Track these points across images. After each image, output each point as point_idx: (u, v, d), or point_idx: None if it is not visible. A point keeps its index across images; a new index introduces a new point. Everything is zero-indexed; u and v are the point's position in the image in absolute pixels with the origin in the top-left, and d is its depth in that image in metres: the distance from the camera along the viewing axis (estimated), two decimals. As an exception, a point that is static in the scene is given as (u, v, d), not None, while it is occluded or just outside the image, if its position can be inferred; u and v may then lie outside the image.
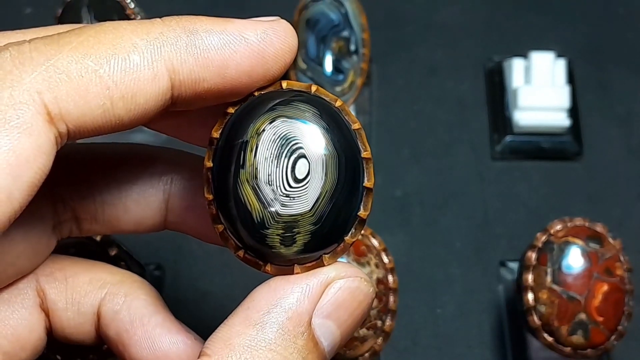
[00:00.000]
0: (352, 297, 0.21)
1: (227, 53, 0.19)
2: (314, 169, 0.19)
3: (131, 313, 0.24)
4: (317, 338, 0.20)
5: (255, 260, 0.21)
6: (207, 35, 0.19)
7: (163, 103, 0.19)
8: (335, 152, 0.19)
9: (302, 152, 0.19)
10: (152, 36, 0.19)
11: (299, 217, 0.19)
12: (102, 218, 0.24)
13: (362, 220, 0.21)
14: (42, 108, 0.17)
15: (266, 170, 0.19)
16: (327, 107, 0.20)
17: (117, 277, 0.25)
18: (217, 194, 0.20)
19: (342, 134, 0.20)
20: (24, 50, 0.18)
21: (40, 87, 0.17)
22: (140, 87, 0.18)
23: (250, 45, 0.20)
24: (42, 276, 0.24)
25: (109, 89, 0.18)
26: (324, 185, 0.19)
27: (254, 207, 0.19)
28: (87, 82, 0.18)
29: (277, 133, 0.19)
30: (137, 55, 0.18)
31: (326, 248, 0.20)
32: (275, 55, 0.20)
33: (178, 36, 0.19)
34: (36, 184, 0.17)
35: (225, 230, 0.21)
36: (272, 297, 0.20)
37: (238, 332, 0.19)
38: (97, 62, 0.18)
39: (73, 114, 0.18)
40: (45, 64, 0.17)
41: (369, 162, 0.21)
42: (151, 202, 0.25)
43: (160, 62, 0.19)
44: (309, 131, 0.19)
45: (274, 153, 0.19)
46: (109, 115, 0.18)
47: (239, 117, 0.20)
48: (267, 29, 0.20)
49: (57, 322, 0.24)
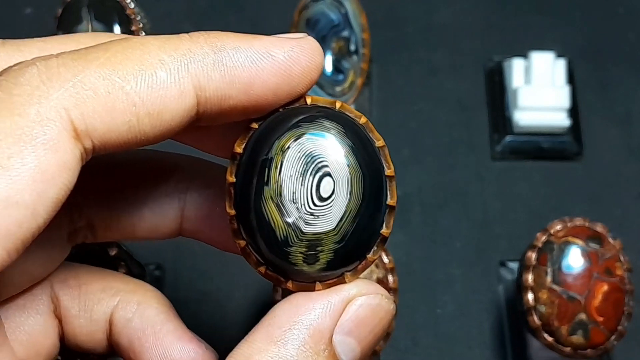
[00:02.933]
0: (373, 314, 0.21)
1: (254, 71, 0.19)
2: (339, 188, 0.19)
3: (143, 321, 0.24)
4: (337, 355, 0.20)
5: (276, 276, 0.21)
6: (234, 53, 0.19)
7: (189, 119, 0.19)
8: (360, 170, 0.19)
9: (327, 170, 0.19)
10: (179, 53, 0.19)
11: (323, 236, 0.19)
12: (117, 225, 0.25)
13: (385, 239, 0.21)
14: (69, 125, 0.17)
15: (291, 188, 0.19)
16: (352, 123, 0.20)
17: (130, 286, 0.25)
18: (239, 209, 0.20)
19: (367, 151, 0.20)
20: (52, 65, 0.18)
21: (67, 104, 0.17)
22: (166, 104, 0.18)
23: (277, 62, 0.19)
24: (57, 283, 0.24)
25: (136, 105, 0.18)
26: (348, 204, 0.19)
27: (277, 225, 0.19)
28: (114, 99, 0.18)
29: (302, 150, 0.19)
30: (164, 72, 0.18)
31: (348, 266, 0.20)
32: (301, 73, 0.20)
33: (205, 53, 0.19)
34: (60, 200, 0.17)
35: (247, 245, 0.20)
36: (294, 314, 0.20)
37: (259, 349, 0.19)
38: (124, 79, 0.18)
39: (99, 130, 0.18)
40: (73, 80, 0.17)
41: (392, 180, 0.21)
42: (167, 210, 0.25)
43: (187, 79, 0.18)
44: (334, 149, 0.19)
45: (299, 171, 0.19)
46: (135, 132, 0.18)
47: (263, 133, 0.20)
48: (294, 46, 0.20)
49: (70, 328, 0.24)
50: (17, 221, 0.17)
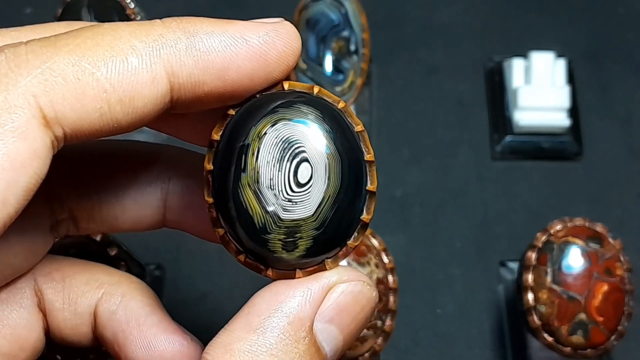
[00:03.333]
0: (355, 301, 0.20)
1: (228, 56, 0.19)
2: (317, 173, 0.19)
3: (127, 313, 0.24)
4: (319, 343, 0.20)
5: (256, 264, 0.20)
6: (207, 38, 0.19)
7: (162, 106, 0.19)
8: (338, 155, 0.19)
9: (305, 155, 0.19)
10: (151, 38, 0.18)
11: (301, 222, 0.19)
12: (99, 217, 0.24)
13: (365, 224, 0.20)
14: (38, 112, 0.17)
15: (268, 175, 0.19)
16: (330, 108, 0.20)
17: (114, 278, 0.25)
18: (217, 197, 0.20)
19: (345, 136, 0.20)
20: (20, 52, 0.17)
21: (35, 91, 0.17)
22: (138, 91, 0.18)
23: (252, 47, 0.19)
24: (40, 276, 0.24)
25: (106, 92, 0.18)
26: (326, 190, 0.19)
27: (255, 212, 0.19)
28: (83, 85, 0.17)
29: (279, 136, 0.19)
30: (136, 58, 0.18)
31: (328, 252, 0.20)
32: (277, 58, 0.19)
33: (178, 38, 0.19)
34: (32, 189, 0.17)
35: (225, 234, 0.20)
36: (274, 302, 0.19)
37: (239, 337, 0.19)
38: (95, 65, 0.17)
39: (69, 117, 0.17)
40: (42, 67, 0.17)
41: (372, 165, 0.20)
42: (149, 200, 0.24)
43: (159, 65, 0.18)
44: (311, 134, 0.19)
45: (275, 157, 0.19)
46: (107, 119, 0.18)
47: (240, 119, 0.20)
48: (269, 31, 0.19)
49: (54, 322, 0.24)
50: None
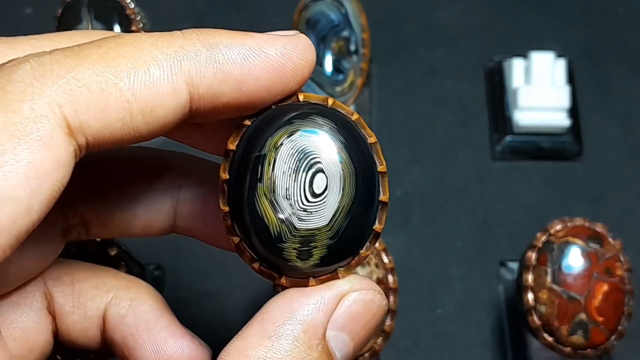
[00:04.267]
0: (366, 310, 0.21)
1: (247, 67, 0.19)
2: (332, 184, 0.19)
3: (137, 317, 0.24)
4: (331, 350, 0.20)
5: (270, 272, 0.21)
6: (226, 50, 0.19)
7: (182, 116, 0.19)
8: (352, 166, 0.20)
9: (320, 166, 0.19)
10: (172, 50, 0.19)
11: (316, 232, 0.19)
12: (111, 223, 0.25)
13: (377, 234, 0.21)
14: (62, 121, 0.17)
15: (284, 185, 0.19)
16: (344, 120, 0.20)
17: (123, 282, 0.25)
18: (232, 206, 0.20)
19: (359, 147, 0.20)
20: (45, 62, 0.18)
21: (60, 100, 0.17)
22: (159, 101, 0.18)
23: (269, 59, 0.19)
24: (50, 280, 0.24)
25: (129, 102, 0.18)
26: (341, 200, 0.19)
27: (271, 221, 0.19)
28: (107, 96, 0.18)
29: (295, 147, 0.19)
30: (157, 69, 0.18)
31: (341, 261, 0.20)
32: (294, 70, 0.20)
33: (198, 50, 0.19)
34: (55, 197, 0.17)
35: (240, 242, 0.21)
36: (287, 309, 0.20)
37: (253, 344, 0.19)
38: (118, 75, 0.18)
39: (93, 127, 0.18)
40: (66, 77, 0.17)
41: (385, 176, 0.21)
42: (160, 207, 0.25)
43: (180, 76, 0.19)
44: (326, 145, 0.19)
45: (292, 167, 0.19)
46: (128, 128, 0.18)
47: (256, 130, 0.20)
48: (286, 43, 0.20)
49: (64, 325, 0.24)
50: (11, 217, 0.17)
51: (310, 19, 0.42)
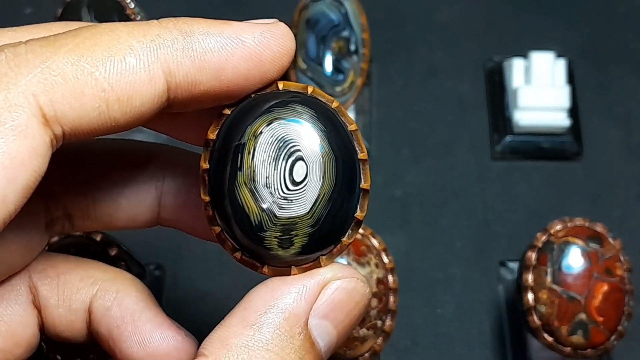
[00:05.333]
0: (349, 298, 0.21)
1: (224, 56, 0.19)
2: (312, 172, 0.19)
3: (122, 309, 0.24)
4: (313, 338, 0.20)
5: (252, 261, 0.21)
6: (203, 38, 0.19)
7: (159, 105, 0.19)
8: (332, 154, 0.19)
9: (300, 154, 0.19)
10: (148, 38, 0.19)
11: (297, 220, 0.19)
12: (94, 215, 0.25)
13: (359, 222, 0.21)
14: (38, 110, 0.17)
15: (264, 173, 0.19)
16: (324, 108, 0.20)
17: (108, 275, 0.25)
18: (213, 195, 0.20)
19: (339, 135, 0.20)
20: (20, 52, 0.18)
21: (35, 90, 0.17)
22: (136, 90, 0.18)
23: (247, 48, 0.19)
24: (35, 273, 0.24)
25: (105, 91, 0.18)
26: (321, 188, 0.19)
27: (251, 210, 0.19)
28: (82, 85, 0.18)
29: (274, 135, 0.19)
30: (133, 58, 0.18)
31: (323, 249, 0.20)
32: (272, 58, 0.20)
33: (175, 38, 0.19)
34: (31, 187, 0.17)
35: (222, 231, 0.21)
36: (269, 298, 0.20)
37: (235, 333, 0.19)
38: (93, 64, 0.18)
39: (68, 116, 0.18)
40: (41, 66, 0.17)
41: (365, 163, 0.21)
42: (144, 199, 0.25)
43: (156, 65, 0.18)
44: (306, 133, 0.19)
45: (271, 155, 0.19)
46: (105, 118, 0.18)
47: (236, 119, 0.20)
48: (264, 31, 0.20)
49: (49, 318, 0.24)
50: None
51: (310, 19, 0.42)
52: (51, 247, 0.34)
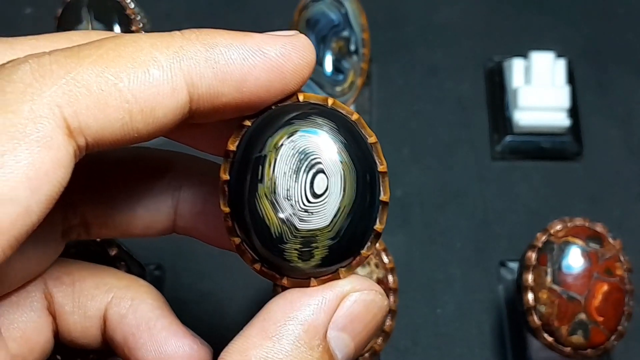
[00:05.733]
0: (367, 310, 0.21)
1: (246, 68, 0.19)
2: (333, 184, 0.19)
3: (137, 317, 0.24)
4: (332, 350, 0.20)
5: (272, 273, 0.21)
6: (226, 50, 0.19)
7: (181, 117, 0.19)
8: (353, 167, 0.20)
9: (321, 167, 0.19)
10: (171, 50, 0.19)
11: (317, 232, 0.19)
12: (111, 223, 0.25)
13: (378, 234, 0.21)
14: (62, 122, 0.17)
15: (285, 185, 0.19)
16: (344, 120, 0.20)
17: (123, 282, 0.25)
18: (233, 207, 0.20)
19: (360, 148, 0.20)
20: (44, 62, 0.18)
21: (60, 101, 0.17)
22: (159, 101, 0.18)
23: (269, 60, 0.20)
24: (50, 280, 0.24)
25: (129, 102, 0.18)
26: (342, 201, 0.19)
27: (272, 222, 0.19)
28: (106, 96, 0.18)
29: (295, 147, 0.19)
30: (157, 69, 0.18)
31: (343, 262, 0.20)
32: (293, 70, 0.20)
33: (197, 50, 0.19)
34: (54, 197, 0.17)
35: (242, 243, 0.21)
36: (289, 310, 0.20)
37: (255, 344, 0.19)
38: (117, 76, 0.18)
39: (92, 127, 0.18)
40: (66, 77, 0.17)
41: (385, 176, 0.21)
42: (161, 207, 0.25)
43: (179, 76, 0.19)
44: (327, 146, 0.19)
45: (292, 168, 0.19)
46: (128, 129, 0.18)
47: (256, 131, 0.20)
48: (286, 43, 0.20)
49: (64, 325, 0.24)
50: (11, 218, 0.17)
51: (310, 19, 0.42)
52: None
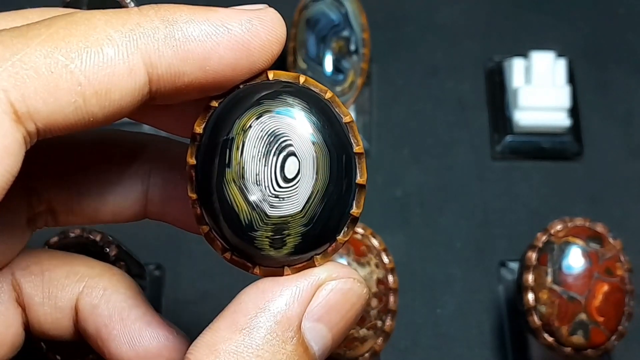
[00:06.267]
0: (345, 299, 0.20)
1: (209, 45, 0.18)
2: (305, 168, 0.18)
3: (110, 307, 0.23)
4: (307, 342, 0.19)
5: (243, 262, 0.20)
6: (187, 26, 0.18)
7: (140, 98, 0.18)
8: (326, 148, 0.18)
9: (292, 149, 0.18)
10: (127, 27, 0.17)
11: (289, 219, 0.18)
12: (78, 209, 0.23)
13: (355, 219, 0.20)
14: (9, 107, 0.16)
15: (254, 170, 0.18)
16: (317, 99, 0.19)
17: (95, 270, 0.24)
18: (201, 193, 0.19)
19: (333, 128, 0.19)
20: None
21: (5, 85, 0.16)
22: (114, 83, 0.17)
23: (233, 36, 0.18)
24: (18, 270, 0.23)
25: (81, 85, 0.17)
26: (315, 184, 0.18)
27: (241, 209, 0.18)
28: (56, 78, 0.17)
29: (264, 129, 0.18)
30: (112, 49, 0.17)
31: (318, 248, 0.19)
32: (261, 46, 0.19)
33: (156, 27, 0.18)
34: (4, 187, 0.17)
35: (210, 231, 0.20)
36: (260, 300, 0.19)
37: (224, 338, 0.18)
38: (68, 56, 0.17)
39: (42, 112, 0.17)
40: (12, 59, 0.16)
41: (362, 157, 0.19)
42: (130, 192, 0.24)
43: (136, 56, 0.17)
44: (298, 127, 0.18)
45: (261, 151, 0.18)
46: (82, 113, 0.17)
47: (223, 112, 0.19)
48: (252, 18, 0.18)
49: (34, 317, 0.23)
50: None
51: (310, 19, 0.42)
52: (51, 247, 0.34)
